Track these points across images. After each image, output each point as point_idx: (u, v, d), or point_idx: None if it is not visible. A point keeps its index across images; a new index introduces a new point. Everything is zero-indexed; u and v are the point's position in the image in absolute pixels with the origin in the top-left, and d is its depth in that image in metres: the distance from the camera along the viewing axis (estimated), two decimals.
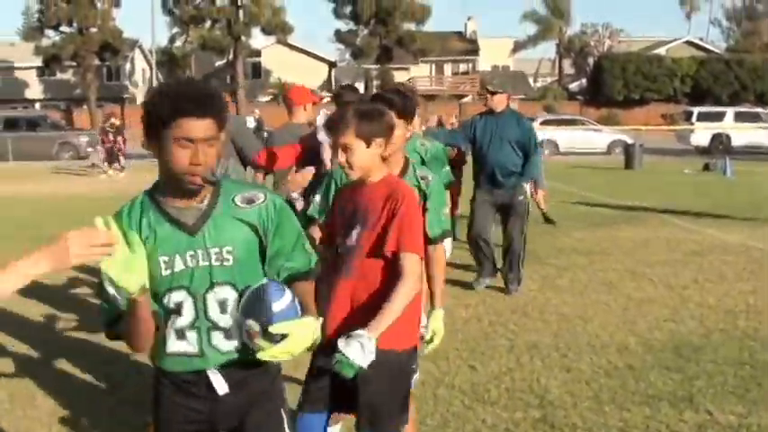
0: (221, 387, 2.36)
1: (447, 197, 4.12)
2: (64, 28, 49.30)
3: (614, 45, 56.94)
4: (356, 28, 54.14)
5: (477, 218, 7.55)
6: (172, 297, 2.32)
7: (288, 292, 2.29)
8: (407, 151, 3.85)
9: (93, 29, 48.87)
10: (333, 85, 54.41)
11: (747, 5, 64.70)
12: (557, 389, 4.94)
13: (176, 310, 2.33)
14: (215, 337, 2.35)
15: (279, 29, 53.19)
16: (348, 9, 53.39)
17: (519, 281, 7.56)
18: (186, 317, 2.34)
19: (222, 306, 2.34)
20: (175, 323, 2.35)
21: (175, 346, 2.36)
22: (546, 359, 5.54)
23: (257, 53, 56.24)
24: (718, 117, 31.89)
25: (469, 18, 63.29)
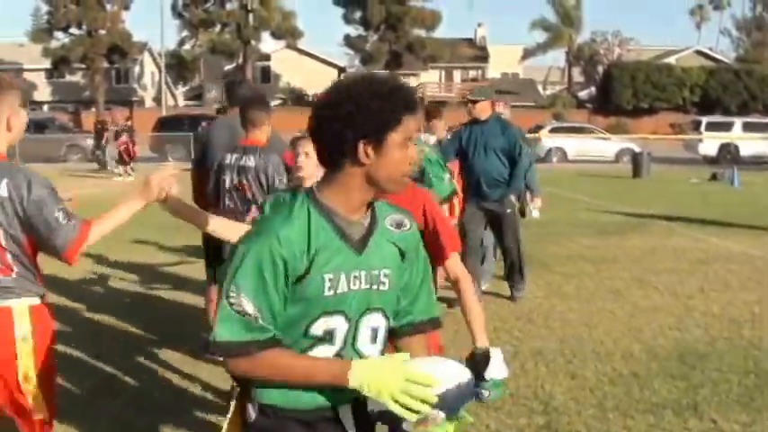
0: (349, 425, 2.05)
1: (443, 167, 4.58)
2: (73, 30, 49.46)
3: (624, 54, 56.72)
4: (366, 33, 54.30)
5: (469, 232, 7.27)
6: (328, 322, 2.00)
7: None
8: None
9: (102, 31, 49.06)
10: None
11: (757, 16, 64.57)
12: (561, 395, 4.94)
13: (327, 338, 2.01)
14: None
15: (288, 33, 53.42)
16: (358, 14, 53.55)
17: (523, 287, 7.55)
18: (335, 346, 2.02)
19: (373, 335, 2.08)
20: (318, 352, 2.02)
21: None
22: (550, 365, 5.54)
23: (267, 57, 56.35)
24: (727, 127, 31.81)
25: (480, 25, 63.20)
